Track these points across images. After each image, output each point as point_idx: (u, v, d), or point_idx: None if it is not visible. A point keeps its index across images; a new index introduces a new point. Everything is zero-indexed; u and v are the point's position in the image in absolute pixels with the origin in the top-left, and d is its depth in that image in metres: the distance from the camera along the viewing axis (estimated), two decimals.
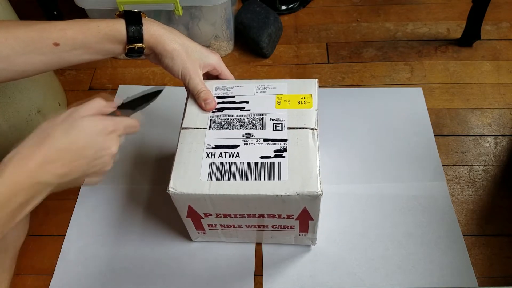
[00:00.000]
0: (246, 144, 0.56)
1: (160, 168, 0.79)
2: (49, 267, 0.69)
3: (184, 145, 0.56)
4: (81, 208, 0.75)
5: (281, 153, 0.54)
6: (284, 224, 0.60)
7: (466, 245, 0.68)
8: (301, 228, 0.61)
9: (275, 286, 0.65)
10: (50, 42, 0.50)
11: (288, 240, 0.66)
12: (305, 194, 0.51)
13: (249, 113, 0.59)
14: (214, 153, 0.55)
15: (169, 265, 0.68)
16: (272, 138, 0.56)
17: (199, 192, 0.52)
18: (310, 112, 0.58)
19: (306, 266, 0.66)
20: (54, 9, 0.94)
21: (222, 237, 0.66)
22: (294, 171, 0.53)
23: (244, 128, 0.57)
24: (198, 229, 0.63)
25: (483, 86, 0.88)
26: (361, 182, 0.75)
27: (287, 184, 0.52)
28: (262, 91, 0.61)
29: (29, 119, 0.77)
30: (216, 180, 0.53)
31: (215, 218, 0.59)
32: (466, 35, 0.95)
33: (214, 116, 0.59)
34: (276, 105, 0.59)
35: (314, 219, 0.58)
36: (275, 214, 0.57)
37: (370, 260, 0.67)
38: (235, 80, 0.64)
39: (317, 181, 0.52)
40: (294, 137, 0.56)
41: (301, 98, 0.60)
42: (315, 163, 0.53)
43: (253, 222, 0.60)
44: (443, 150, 0.79)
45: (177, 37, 0.57)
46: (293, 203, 0.54)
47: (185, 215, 0.59)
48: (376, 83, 0.90)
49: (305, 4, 1.07)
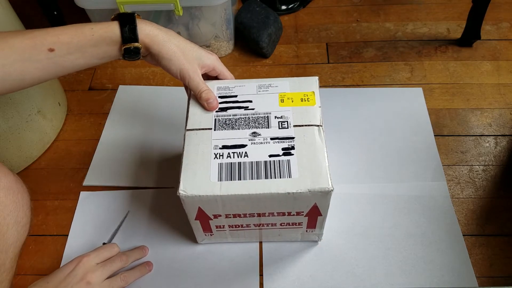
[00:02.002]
0: (254, 143, 0.56)
1: (162, 170, 0.79)
2: (49, 267, 0.69)
3: (191, 147, 0.56)
4: (82, 212, 0.75)
5: (289, 151, 0.55)
6: (293, 222, 0.60)
7: (466, 245, 0.68)
8: (309, 224, 0.61)
9: (274, 286, 0.65)
10: (45, 48, 0.50)
11: (295, 237, 0.66)
12: (316, 190, 0.52)
13: (253, 112, 0.59)
14: (222, 153, 0.55)
15: (173, 267, 0.67)
16: (279, 136, 0.56)
17: (211, 193, 0.52)
18: (314, 109, 0.59)
19: (306, 265, 0.66)
20: (54, 9, 0.94)
21: (229, 237, 0.66)
22: (304, 168, 0.53)
23: (250, 127, 0.58)
24: (206, 231, 0.63)
25: (483, 86, 0.88)
26: (361, 182, 0.75)
27: (298, 181, 0.52)
28: (264, 90, 0.62)
29: (29, 119, 0.77)
30: (226, 181, 0.53)
31: (224, 219, 0.59)
32: (466, 35, 0.95)
33: (219, 116, 0.59)
34: (280, 103, 0.60)
35: (323, 215, 0.58)
36: (284, 212, 0.57)
37: (371, 260, 0.67)
38: (236, 80, 0.64)
39: (328, 177, 0.53)
40: (301, 135, 0.56)
41: (304, 96, 0.60)
42: (323, 159, 0.54)
43: (262, 221, 0.60)
44: (443, 150, 0.79)
45: (173, 38, 0.57)
46: (304, 200, 0.54)
47: (194, 218, 0.58)
48: (376, 83, 0.90)
49: (305, 4, 1.07)
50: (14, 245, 0.55)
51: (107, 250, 0.61)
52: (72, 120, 0.88)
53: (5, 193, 0.53)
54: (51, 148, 0.84)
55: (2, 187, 0.53)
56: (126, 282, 0.61)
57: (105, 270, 0.58)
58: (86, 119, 0.88)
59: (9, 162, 0.76)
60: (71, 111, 0.90)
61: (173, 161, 0.79)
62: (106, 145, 0.84)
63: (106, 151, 0.83)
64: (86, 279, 0.55)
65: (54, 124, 0.84)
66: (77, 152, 0.83)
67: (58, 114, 0.86)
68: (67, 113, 0.90)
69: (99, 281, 0.57)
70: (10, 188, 0.54)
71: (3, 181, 0.53)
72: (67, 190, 0.78)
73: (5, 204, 0.53)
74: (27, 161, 0.81)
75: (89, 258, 0.58)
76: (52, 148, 0.84)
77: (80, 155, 0.82)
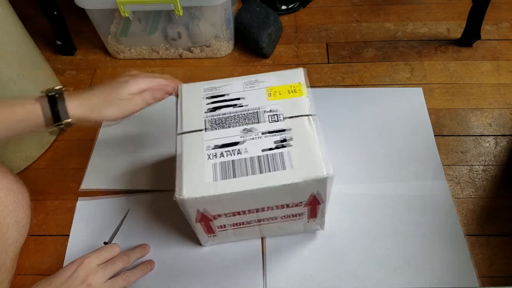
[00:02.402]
0: (246, 139, 0.56)
1: (156, 173, 0.79)
2: (49, 267, 0.69)
3: (184, 150, 0.56)
4: (80, 219, 0.74)
5: (282, 143, 0.55)
6: (294, 213, 0.60)
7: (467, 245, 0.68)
8: (310, 214, 0.61)
9: (275, 285, 0.65)
10: None
11: (297, 228, 0.67)
12: (312, 179, 0.52)
13: (243, 109, 0.59)
14: (215, 153, 0.55)
15: (177, 269, 0.67)
16: (270, 130, 0.57)
17: (207, 194, 0.52)
18: (302, 99, 0.60)
19: (307, 265, 0.66)
20: (54, 9, 0.94)
21: (232, 237, 0.66)
22: (298, 159, 0.54)
23: (241, 124, 0.58)
24: (208, 233, 0.63)
25: (483, 86, 0.88)
26: (361, 182, 0.75)
27: (292, 172, 0.53)
28: (251, 86, 0.62)
29: None
30: (222, 180, 0.53)
31: (225, 218, 0.59)
32: (466, 35, 0.95)
33: (209, 117, 0.59)
34: (268, 98, 0.60)
35: (323, 203, 0.59)
36: (283, 204, 0.57)
37: (371, 260, 0.67)
38: (222, 79, 0.64)
39: (322, 164, 0.53)
40: (292, 126, 0.57)
41: (290, 88, 0.61)
42: (317, 147, 0.54)
43: (262, 216, 0.60)
44: (443, 150, 0.79)
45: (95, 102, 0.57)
46: (301, 190, 0.54)
47: (194, 220, 0.58)
48: (376, 83, 0.90)
49: (305, 4, 1.07)
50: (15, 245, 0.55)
51: (108, 251, 0.61)
52: None
53: (6, 193, 0.53)
54: (51, 148, 0.84)
55: (2, 187, 0.53)
56: (128, 282, 0.61)
57: (107, 272, 0.58)
58: None
59: (9, 162, 0.76)
60: None
61: (166, 163, 0.79)
62: (102, 148, 0.83)
63: (101, 155, 0.82)
64: (87, 281, 0.55)
65: None
66: (77, 152, 0.83)
67: None
68: None
69: (101, 283, 0.57)
70: (10, 188, 0.54)
71: (3, 181, 0.54)
72: (67, 190, 0.78)
73: (6, 204, 0.53)
74: (27, 161, 0.81)
75: (90, 259, 0.58)
76: (52, 148, 0.84)
77: (80, 155, 0.82)
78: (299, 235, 0.69)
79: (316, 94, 0.61)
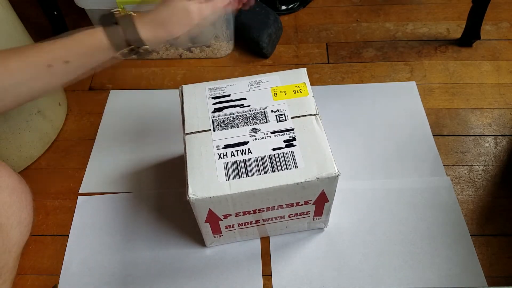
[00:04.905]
0: (255, 139, 0.57)
1: (156, 174, 0.79)
2: (49, 267, 0.69)
3: (193, 150, 0.56)
4: (81, 217, 0.74)
5: (291, 142, 0.56)
6: (301, 211, 0.61)
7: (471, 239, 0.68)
8: (316, 212, 0.62)
9: (283, 283, 0.65)
10: (44, 65, 0.50)
11: (302, 227, 0.67)
12: (324, 177, 0.53)
13: (249, 108, 0.60)
14: (226, 153, 0.56)
15: (179, 270, 0.67)
16: (278, 130, 0.57)
17: (221, 193, 0.52)
18: (308, 99, 0.61)
19: (313, 261, 0.67)
20: (54, 9, 0.94)
21: (238, 237, 0.66)
22: (308, 157, 0.54)
23: (249, 124, 0.58)
24: (215, 233, 0.63)
25: (483, 86, 0.89)
26: (363, 179, 0.76)
27: (305, 170, 0.53)
28: (256, 86, 0.62)
29: (29, 119, 0.77)
30: (234, 179, 0.53)
31: (234, 217, 0.59)
32: (466, 35, 0.95)
33: (215, 117, 0.59)
34: (274, 97, 0.61)
35: (330, 201, 0.59)
36: (293, 203, 0.58)
37: (378, 256, 0.67)
38: (226, 80, 0.64)
39: (333, 162, 0.54)
40: (300, 125, 0.57)
41: (296, 88, 0.62)
42: (326, 146, 0.55)
43: (270, 215, 0.60)
44: (443, 150, 0.79)
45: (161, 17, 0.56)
46: (313, 188, 0.55)
47: (204, 220, 0.58)
48: (376, 83, 0.90)
49: (305, 4, 1.07)
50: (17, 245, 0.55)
51: None
52: (72, 120, 0.88)
53: (9, 193, 0.53)
54: (51, 148, 0.84)
55: (6, 187, 0.53)
56: None
57: None
58: (86, 119, 0.88)
59: (9, 162, 0.76)
60: (71, 111, 0.90)
61: (169, 163, 0.79)
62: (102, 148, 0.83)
63: (101, 155, 0.82)
64: None
65: (54, 124, 0.84)
66: (77, 152, 0.83)
67: (58, 114, 0.86)
68: (67, 113, 0.90)
69: None
70: (14, 188, 0.54)
71: (7, 181, 0.53)
72: (67, 190, 0.78)
73: (9, 204, 0.53)
74: (27, 161, 0.81)
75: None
76: (52, 148, 0.84)
77: (80, 155, 0.82)
78: (303, 233, 0.69)
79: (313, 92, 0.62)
